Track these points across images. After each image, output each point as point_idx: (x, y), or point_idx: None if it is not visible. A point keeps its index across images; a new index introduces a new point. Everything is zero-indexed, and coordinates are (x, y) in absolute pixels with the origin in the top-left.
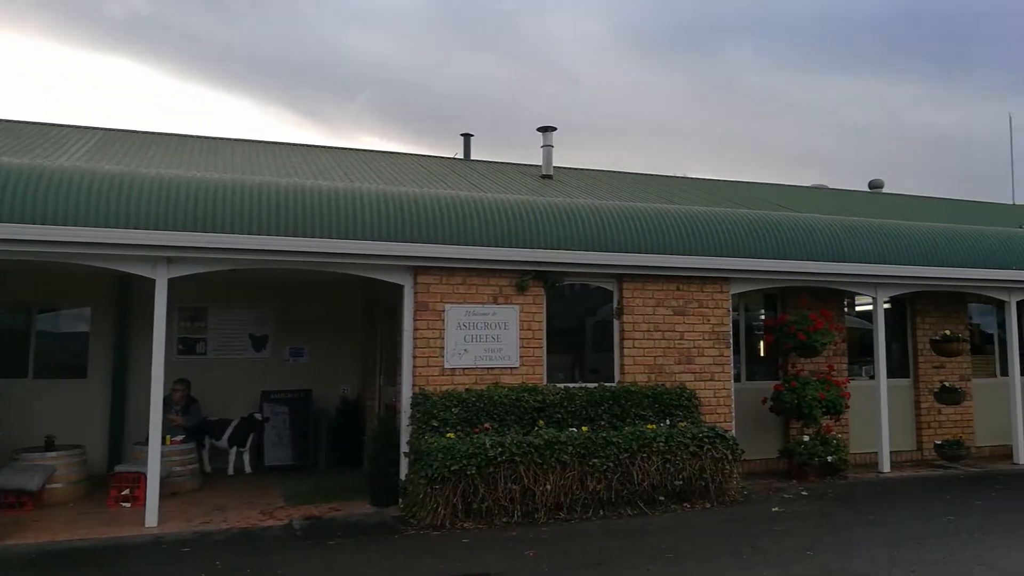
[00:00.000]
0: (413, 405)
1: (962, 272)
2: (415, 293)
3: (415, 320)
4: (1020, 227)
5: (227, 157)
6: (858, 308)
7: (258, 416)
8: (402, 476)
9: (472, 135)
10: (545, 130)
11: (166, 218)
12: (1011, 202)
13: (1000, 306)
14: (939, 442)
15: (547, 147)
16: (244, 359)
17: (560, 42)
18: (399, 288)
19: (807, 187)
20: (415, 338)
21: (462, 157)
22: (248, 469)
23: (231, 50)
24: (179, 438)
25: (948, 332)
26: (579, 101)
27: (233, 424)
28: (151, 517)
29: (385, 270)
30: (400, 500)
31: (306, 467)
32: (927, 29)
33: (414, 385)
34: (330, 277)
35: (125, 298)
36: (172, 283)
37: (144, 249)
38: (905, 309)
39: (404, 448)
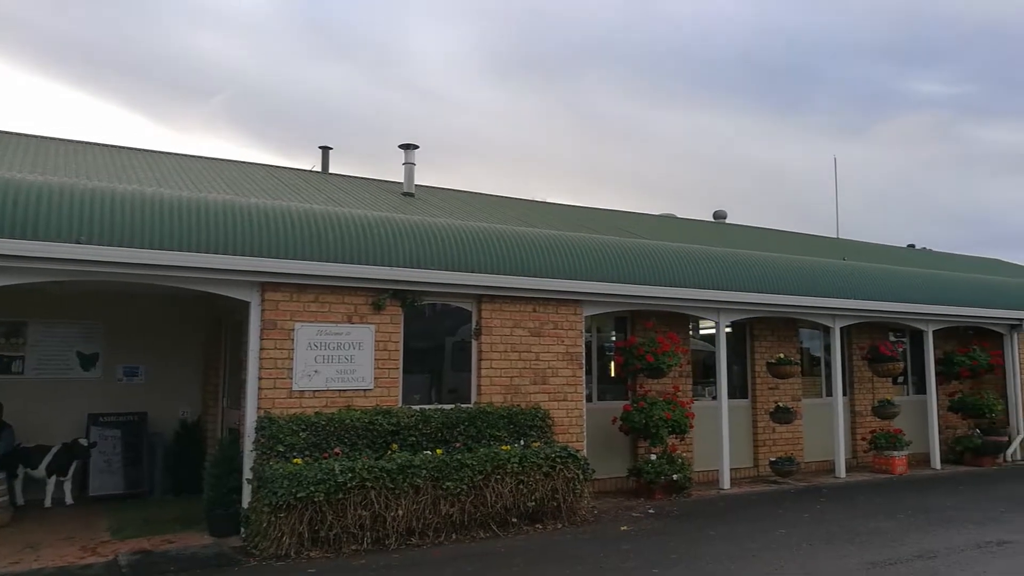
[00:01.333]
0: (258, 429)
1: (794, 299)
2: (263, 311)
3: (262, 339)
4: (844, 259)
5: (57, 159)
6: (702, 331)
7: (83, 442)
8: (245, 504)
9: (331, 148)
10: (407, 147)
11: None
12: (836, 235)
13: (826, 331)
14: (773, 459)
15: (409, 164)
16: (70, 379)
17: (422, 61)
18: (245, 305)
19: (657, 215)
20: (261, 358)
21: (320, 170)
22: (69, 500)
23: (63, 39)
24: None
25: (782, 355)
26: (441, 120)
27: (53, 451)
28: None
29: (230, 285)
30: (242, 530)
31: (139, 496)
32: (762, 71)
33: (259, 408)
34: (169, 290)
35: None
36: None
37: None
38: (745, 333)
39: (248, 475)
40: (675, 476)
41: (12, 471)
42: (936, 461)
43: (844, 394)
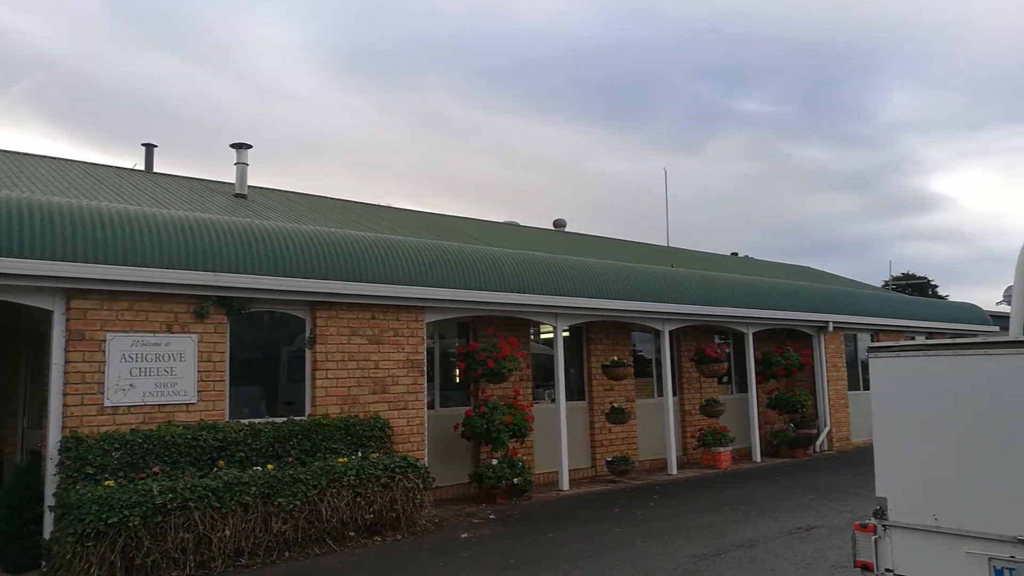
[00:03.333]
0: (62, 451)
1: (627, 304)
2: (67, 320)
3: (67, 351)
4: (672, 266)
5: None
6: (543, 336)
7: None
8: (46, 534)
9: (156, 145)
10: (240, 147)
11: None
12: (667, 244)
13: (656, 335)
14: (609, 459)
15: (241, 164)
16: None
17: (257, 53)
18: (48, 314)
19: (500, 223)
20: (67, 372)
21: (143, 169)
22: None
23: None
24: None
25: (616, 358)
26: (277, 118)
27: None
28: None
29: (28, 292)
30: (43, 563)
31: None
32: (602, 86)
33: (64, 427)
34: None
35: None
36: None
37: None
38: (582, 337)
39: (50, 501)
40: (516, 480)
41: None
42: (757, 455)
43: (674, 394)
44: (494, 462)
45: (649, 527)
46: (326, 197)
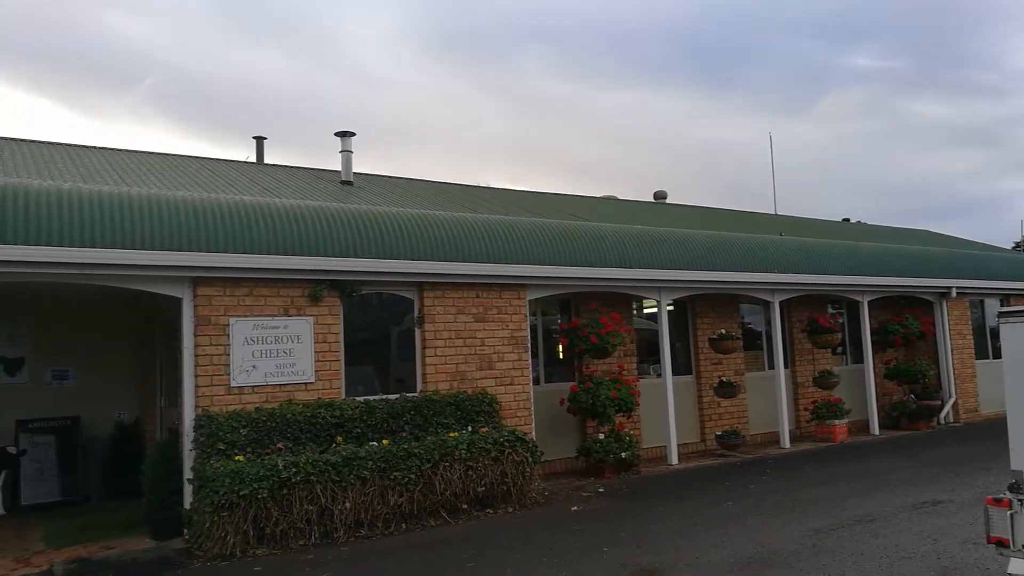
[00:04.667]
0: (197, 428)
1: (734, 276)
2: (195, 307)
3: (196, 336)
4: (781, 234)
5: None
6: (646, 311)
7: (11, 450)
8: (186, 505)
9: (265, 138)
10: (344, 135)
11: None
12: (774, 212)
13: (766, 306)
14: (719, 432)
15: (346, 152)
16: None
17: (356, 42)
18: (177, 301)
19: (598, 197)
20: (196, 355)
21: (255, 161)
22: (0, 511)
23: None
24: None
25: (724, 331)
26: (379, 104)
27: None
28: None
29: (160, 282)
30: (185, 531)
31: (76, 504)
32: (698, 49)
33: (197, 406)
34: (98, 288)
35: None
36: None
37: None
38: (687, 310)
39: (188, 474)
40: (623, 454)
41: None
42: (875, 427)
43: (786, 366)
44: (601, 436)
45: (762, 501)
46: (426, 180)
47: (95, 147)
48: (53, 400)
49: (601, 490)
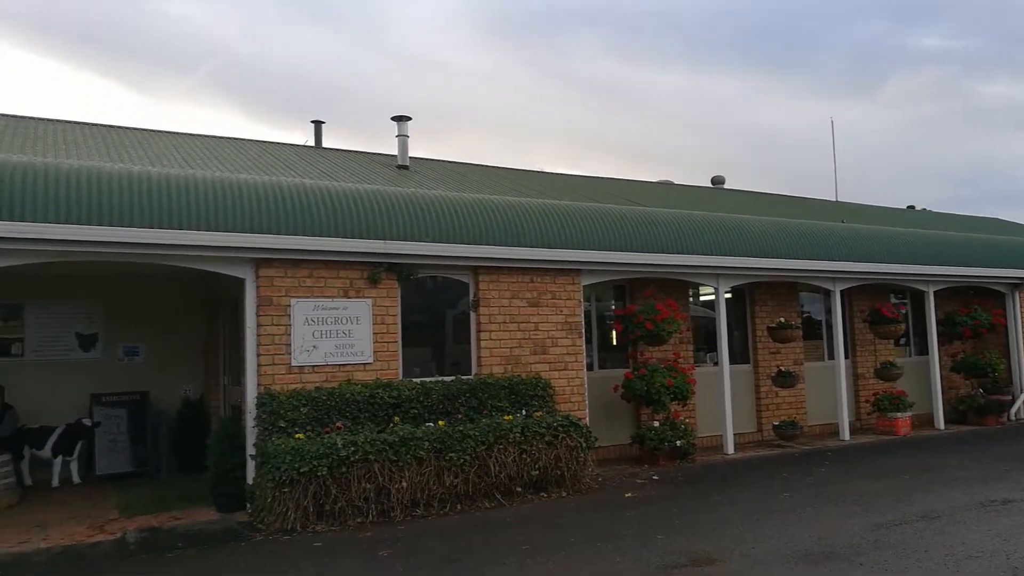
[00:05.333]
0: (259, 406)
1: (794, 263)
2: (257, 287)
3: (258, 316)
4: (843, 221)
5: (46, 139)
6: (702, 298)
7: (87, 422)
8: (249, 480)
9: (324, 122)
10: (400, 119)
11: None
12: (835, 198)
13: (826, 294)
14: (777, 423)
15: (402, 136)
16: (70, 360)
17: (410, 25)
18: (240, 282)
19: (654, 182)
20: (259, 335)
21: (313, 144)
22: (76, 479)
23: (36, 11)
24: None
25: (783, 319)
26: (431, 88)
27: (58, 431)
28: None
29: (224, 263)
30: (248, 505)
31: (145, 475)
32: (755, 31)
33: (259, 385)
34: (167, 269)
35: None
36: None
37: None
38: (745, 298)
39: (251, 451)
40: (678, 442)
41: (18, 452)
42: (940, 421)
43: (846, 357)
44: (655, 424)
45: (820, 493)
46: (481, 164)
47: (161, 131)
48: (124, 375)
49: (655, 478)
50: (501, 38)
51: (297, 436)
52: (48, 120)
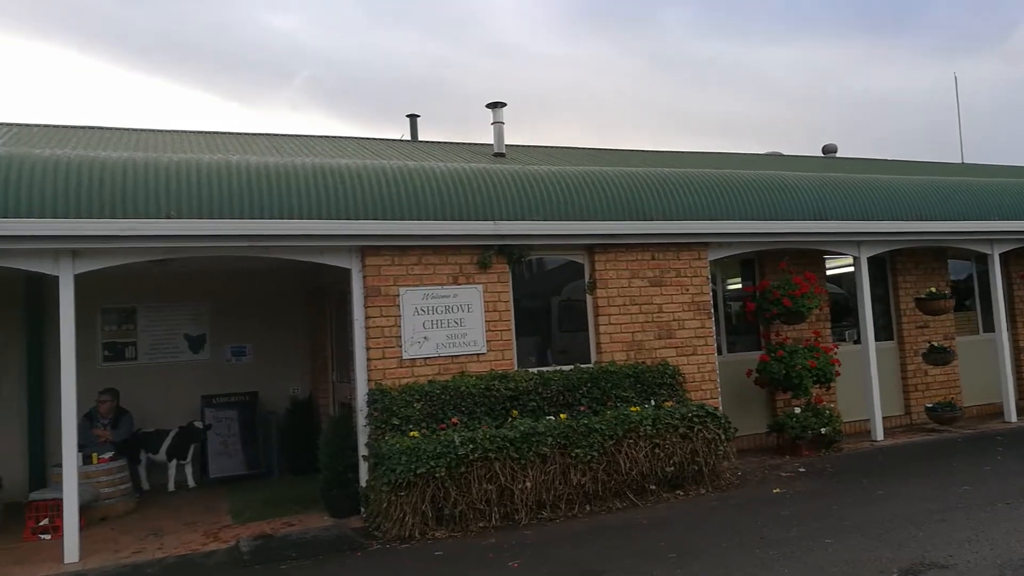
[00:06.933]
0: (370, 403)
1: (947, 225)
2: (364, 277)
3: (366, 307)
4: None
5: (148, 142)
6: (829, 272)
7: (199, 424)
8: (362, 482)
9: (419, 116)
10: (495, 106)
11: (66, 204)
12: (961, 161)
13: (982, 259)
14: (930, 405)
15: (498, 124)
16: (180, 362)
17: (494, 14)
18: (346, 272)
19: (763, 154)
20: (367, 327)
21: (409, 139)
22: (192, 483)
23: (149, 33)
24: (107, 455)
25: (934, 289)
26: (518, 77)
27: (171, 435)
28: (71, 552)
29: (328, 252)
30: (362, 509)
31: (258, 476)
32: None
33: (369, 380)
34: (270, 264)
35: (39, 300)
36: (81, 279)
37: (42, 241)
38: (885, 268)
39: (363, 451)
40: (823, 430)
41: (134, 456)
42: None
43: (1007, 329)
44: (796, 410)
45: (1009, 485)
46: (579, 148)
47: (259, 133)
48: (233, 376)
49: (801, 470)
50: (586, 23)
51: (412, 434)
52: (153, 131)
